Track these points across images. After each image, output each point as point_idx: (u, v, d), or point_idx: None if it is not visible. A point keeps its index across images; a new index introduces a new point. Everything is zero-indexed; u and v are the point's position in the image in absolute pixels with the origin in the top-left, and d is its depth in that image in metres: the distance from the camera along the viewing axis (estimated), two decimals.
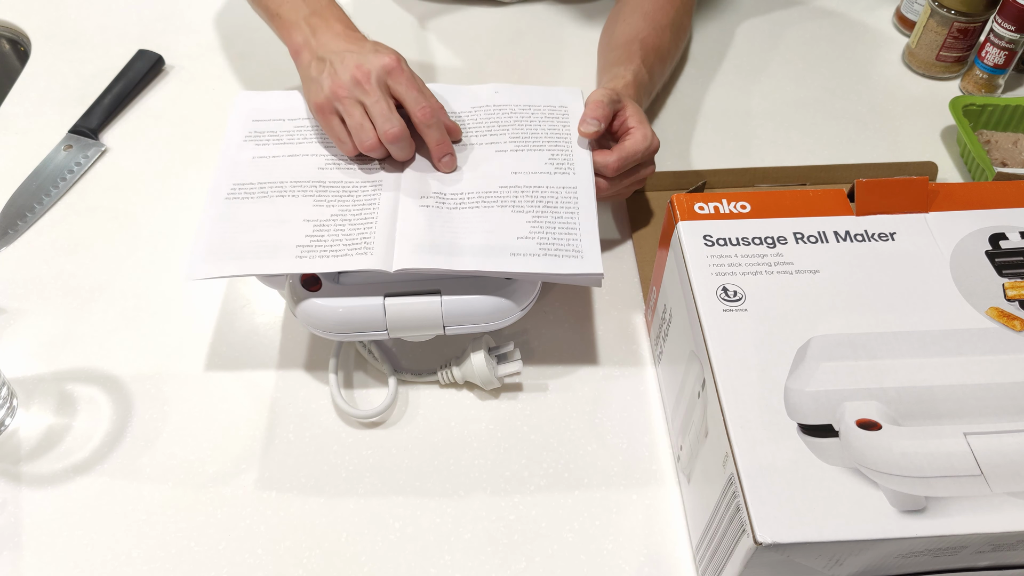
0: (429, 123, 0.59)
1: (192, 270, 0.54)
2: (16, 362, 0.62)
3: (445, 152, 0.60)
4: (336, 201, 0.58)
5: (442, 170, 0.60)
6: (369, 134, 0.59)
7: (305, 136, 0.63)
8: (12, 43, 0.96)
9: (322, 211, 0.57)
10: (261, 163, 0.60)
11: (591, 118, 0.62)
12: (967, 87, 0.85)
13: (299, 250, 0.54)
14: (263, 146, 0.62)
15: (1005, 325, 0.47)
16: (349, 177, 0.60)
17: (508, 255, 0.54)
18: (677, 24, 0.80)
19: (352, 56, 0.60)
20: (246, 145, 0.62)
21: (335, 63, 0.60)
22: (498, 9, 0.93)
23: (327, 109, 0.60)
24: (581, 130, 0.62)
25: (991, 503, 0.41)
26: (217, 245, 0.55)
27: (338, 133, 0.60)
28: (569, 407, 0.60)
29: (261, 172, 0.60)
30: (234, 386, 0.61)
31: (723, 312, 0.48)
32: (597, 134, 0.62)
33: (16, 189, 0.74)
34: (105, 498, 0.55)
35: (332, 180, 0.60)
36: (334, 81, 0.59)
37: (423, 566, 0.52)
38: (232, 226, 0.56)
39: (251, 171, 0.60)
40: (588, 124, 0.62)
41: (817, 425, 0.43)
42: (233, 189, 0.58)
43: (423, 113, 0.59)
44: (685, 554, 0.53)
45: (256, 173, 0.60)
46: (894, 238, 0.52)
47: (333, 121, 0.60)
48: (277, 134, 0.63)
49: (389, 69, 0.59)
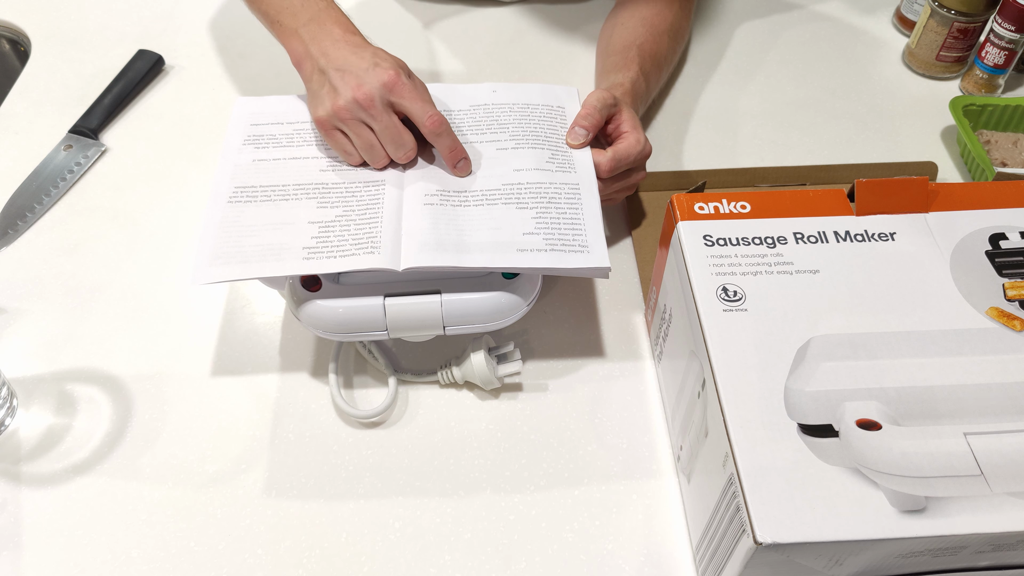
0: (439, 132, 0.59)
1: (198, 274, 0.54)
2: (16, 362, 0.62)
3: (459, 157, 0.60)
4: (340, 202, 0.58)
5: (458, 175, 0.60)
6: (380, 156, 0.59)
7: (305, 139, 0.63)
8: (12, 43, 0.96)
9: (326, 212, 0.57)
10: (262, 166, 0.60)
11: (579, 127, 0.62)
12: (967, 87, 0.85)
13: (306, 252, 0.54)
14: (263, 149, 0.62)
15: (1005, 325, 0.47)
16: (352, 178, 0.60)
17: (515, 251, 0.54)
18: (675, 29, 0.80)
19: (351, 74, 0.59)
20: (246, 149, 0.62)
21: (334, 80, 0.59)
22: (498, 9, 0.93)
23: (328, 126, 0.59)
24: (568, 140, 0.63)
25: (991, 503, 0.41)
26: (222, 249, 0.55)
27: (343, 147, 0.60)
28: (569, 407, 0.60)
29: (263, 175, 0.60)
30: (234, 386, 0.61)
31: (723, 312, 0.48)
32: (584, 145, 0.62)
33: (16, 189, 0.74)
34: (105, 498, 0.55)
35: (334, 182, 0.60)
36: (334, 101, 0.58)
37: (423, 566, 0.52)
38: (236, 230, 0.56)
39: (252, 175, 0.60)
40: (575, 135, 0.63)
41: (817, 425, 0.43)
42: (235, 193, 0.58)
43: (432, 123, 0.58)
44: (685, 554, 0.53)
45: (258, 176, 0.60)
46: (894, 238, 0.52)
47: (336, 136, 0.60)
48: (277, 137, 0.63)
49: (390, 86, 0.58)
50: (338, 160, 0.61)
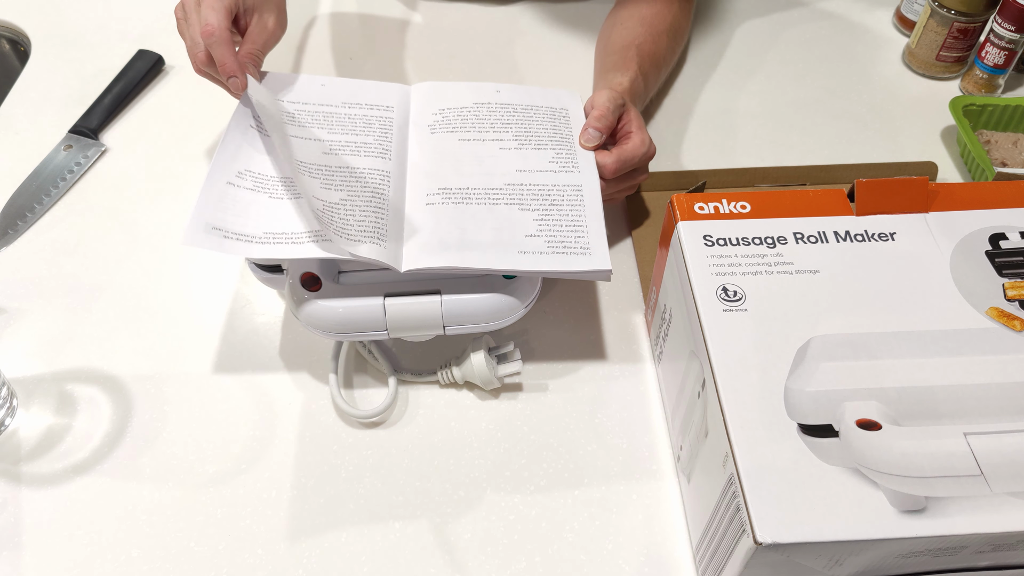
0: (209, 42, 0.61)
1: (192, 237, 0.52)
2: (16, 362, 0.62)
3: (229, 74, 0.61)
4: (344, 185, 0.57)
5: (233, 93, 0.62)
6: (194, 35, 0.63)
7: (307, 120, 0.62)
8: (12, 43, 0.96)
9: (330, 194, 0.56)
10: (266, 142, 0.60)
11: (593, 128, 0.62)
12: (967, 87, 0.85)
13: (312, 235, 0.53)
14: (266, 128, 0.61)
15: (1005, 325, 0.47)
16: (355, 163, 0.60)
17: (517, 253, 0.54)
18: (675, 29, 0.80)
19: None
20: (249, 128, 0.61)
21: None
22: (498, 9, 0.93)
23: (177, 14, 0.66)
24: (582, 141, 0.62)
25: (991, 503, 0.41)
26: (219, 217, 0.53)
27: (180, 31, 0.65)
28: (569, 407, 0.60)
29: (266, 154, 0.59)
30: (234, 386, 0.61)
31: (723, 312, 0.48)
32: (598, 146, 0.62)
33: (16, 189, 0.74)
34: (105, 498, 0.55)
35: (338, 165, 0.59)
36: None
37: (423, 566, 0.52)
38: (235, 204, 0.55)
39: (255, 153, 0.59)
40: (589, 136, 0.62)
41: (817, 425, 0.43)
42: (239, 171, 0.57)
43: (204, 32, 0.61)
44: (685, 554, 0.53)
45: (261, 156, 0.59)
46: (894, 238, 0.52)
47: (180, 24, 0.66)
48: (280, 117, 0.62)
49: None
50: (342, 144, 0.61)
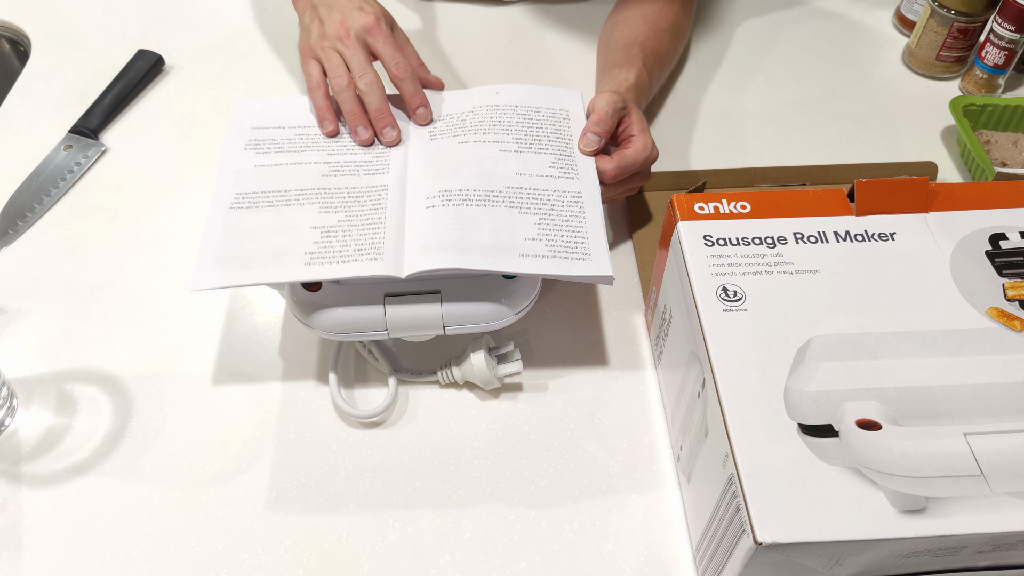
0: (402, 77, 0.63)
1: (199, 280, 0.53)
2: (16, 362, 0.62)
3: (419, 104, 0.64)
4: (342, 207, 0.58)
5: (417, 122, 0.64)
6: (343, 75, 0.63)
7: (307, 144, 0.63)
8: (12, 43, 0.96)
9: (328, 217, 0.57)
10: (264, 171, 0.60)
11: (592, 133, 0.62)
12: (967, 87, 0.85)
13: (308, 257, 0.54)
14: (265, 154, 0.62)
15: (1005, 325, 0.47)
16: (354, 183, 0.60)
17: (517, 255, 0.54)
18: (677, 27, 0.80)
19: (337, 11, 0.66)
20: (247, 154, 0.62)
21: (321, 14, 0.66)
22: (498, 9, 0.93)
23: (308, 54, 0.66)
24: (581, 146, 0.62)
25: (991, 503, 0.41)
26: (223, 254, 0.55)
27: (315, 76, 0.64)
28: (569, 407, 0.60)
29: (264, 181, 0.60)
30: (234, 386, 0.61)
31: (723, 312, 0.48)
32: (597, 151, 0.62)
33: (16, 189, 0.74)
34: (105, 498, 0.55)
35: (337, 186, 0.59)
36: (319, 32, 0.65)
37: (423, 566, 0.52)
38: (238, 235, 0.56)
39: (254, 180, 0.60)
40: (588, 141, 0.62)
41: (817, 425, 0.43)
42: (236, 199, 0.58)
43: (397, 68, 0.63)
44: (685, 554, 0.53)
45: (259, 182, 0.59)
46: (894, 238, 0.52)
47: (311, 65, 0.65)
48: (278, 142, 0.63)
49: (368, 28, 0.64)
50: (341, 164, 0.61)
